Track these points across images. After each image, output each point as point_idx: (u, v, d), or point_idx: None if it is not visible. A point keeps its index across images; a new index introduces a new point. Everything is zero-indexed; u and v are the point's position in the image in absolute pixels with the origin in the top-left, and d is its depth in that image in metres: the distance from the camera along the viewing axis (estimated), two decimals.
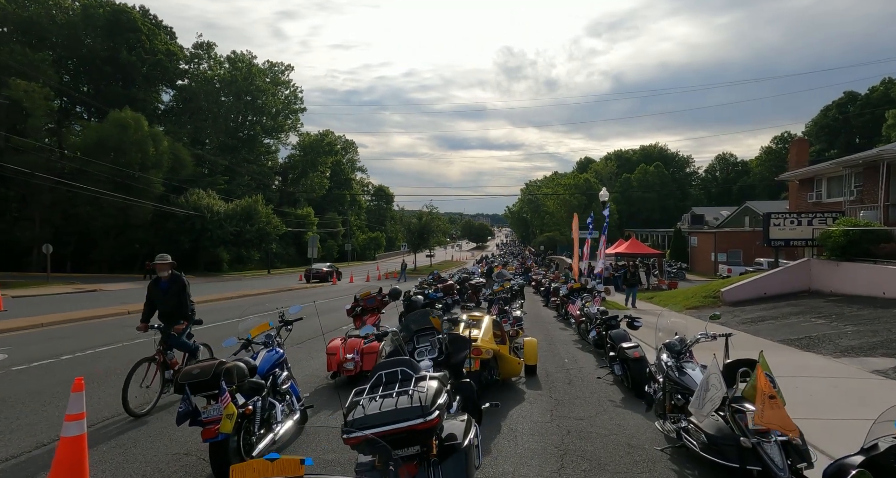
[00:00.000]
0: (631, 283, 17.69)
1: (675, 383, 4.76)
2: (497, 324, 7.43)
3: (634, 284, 17.82)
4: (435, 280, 16.70)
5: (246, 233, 43.61)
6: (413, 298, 10.84)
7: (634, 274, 18.17)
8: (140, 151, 37.00)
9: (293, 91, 68.83)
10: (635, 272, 18.44)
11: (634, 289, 17.76)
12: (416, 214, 53.88)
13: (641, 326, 7.85)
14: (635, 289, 17.81)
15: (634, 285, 17.77)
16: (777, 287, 16.04)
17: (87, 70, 47.29)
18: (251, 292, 21.91)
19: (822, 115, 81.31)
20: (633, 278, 17.89)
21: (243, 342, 4.64)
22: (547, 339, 11.55)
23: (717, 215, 50.57)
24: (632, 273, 18.07)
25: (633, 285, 17.69)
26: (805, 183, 20.08)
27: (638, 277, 18.38)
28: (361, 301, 7.99)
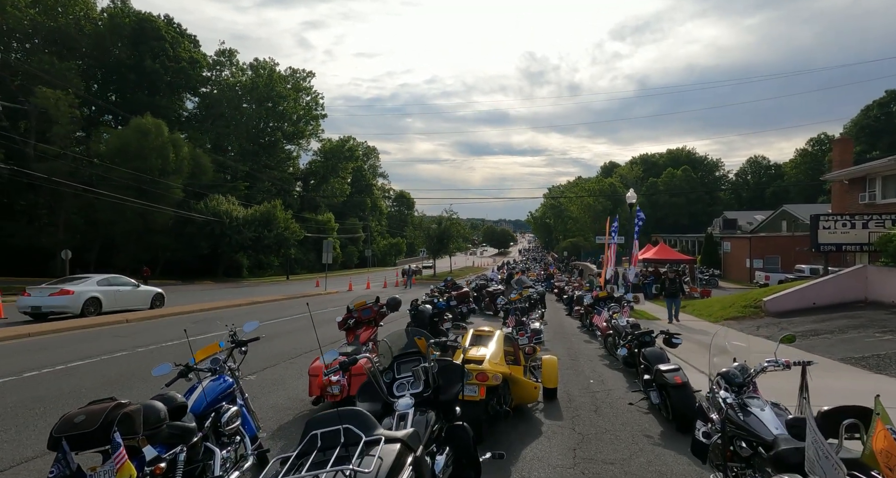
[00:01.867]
0: (671, 292, 15.16)
1: (738, 426, 3.63)
2: (510, 340, 6.38)
3: (676, 294, 15.17)
4: (448, 287, 15.67)
5: (265, 239, 43.40)
6: (421, 307, 9.86)
7: (675, 282, 15.31)
8: (160, 156, 37.12)
9: (314, 97, 69.07)
10: (675, 280, 15.38)
11: (677, 300, 15.18)
12: (435, 219, 52.88)
13: (680, 343, 6.67)
14: (677, 300, 15.25)
15: (676, 295, 15.17)
16: (828, 297, 14.49)
17: (114, 79, 48.13)
18: (262, 299, 21.27)
19: (863, 115, 77.47)
20: (674, 287, 15.20)
21: (181, 369, 3.66)
22: (569, 353, 10.39)
23: (750, 220, 48.20)
24: (670, 281, 15.34)
25: (673, 295, 15.14)
26: (856, 183, 18.37)
27: (679, 286, 15.27)
28: (355, 312, 7.04)
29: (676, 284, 15.22)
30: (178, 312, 16.38)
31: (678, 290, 15.23)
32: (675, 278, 15.46)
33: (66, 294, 14.62)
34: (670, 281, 15.30)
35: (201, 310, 16.91)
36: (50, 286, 15.03)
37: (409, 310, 10.10)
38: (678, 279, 15.53)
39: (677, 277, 15.59)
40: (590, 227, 70.85)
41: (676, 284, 15.22)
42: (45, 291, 14.66)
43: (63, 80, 37.59)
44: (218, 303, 19.06)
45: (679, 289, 15.28)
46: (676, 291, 15.19)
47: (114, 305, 15.78)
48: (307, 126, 69.02)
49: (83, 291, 15.06)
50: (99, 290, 15.57)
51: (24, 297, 14.74)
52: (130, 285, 16.92)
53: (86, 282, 15.80)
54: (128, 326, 13.44)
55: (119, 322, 13.84)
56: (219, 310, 17.34)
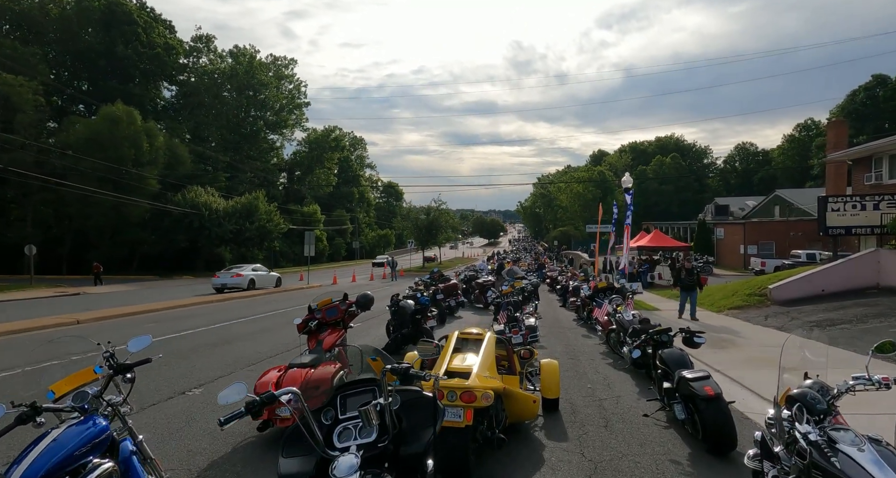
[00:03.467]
0: (688, 284, 12.74)
1: (826, 471, 2.58)
2: (503, 343, 5.30)
3: (693, 287, 12.74)
4: (435, 279, 14.57)
5: (246, 231, 41.89)
6: (402, 303, 8.76)
7: (692, 273, 12.83)
8: (133, 146, 35.36)
9: (297, 85, 67.12)
10: (693, 270, 12.97)
11: (694, 294, 12.82)
12: (423, 210, 51.62)
13: (704, 343, 5.64)
14: (694, 294, 12.86)
15: (693, 288, 12.76)
16: (838, 283, 13.66)
17: (84, 66, 45.96)
18: (236, 295, 20.02)
19: (850, 100, 77.31)
20: (691, 279, 12.71)
21: (24, 411, 2.43)
22: (568, 351, 9.38)
23: (742, 206, 47.69)
24: (687, 271, 12.82)
25: (690, 288, 12.77)
26: (861, 163, 17.54)
27: (697, 278, 12.82)
28: (318, 312, 5.93)
29: (694, 276, 12.81)
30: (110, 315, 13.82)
31: (696, 282, 12.75)
32: (693, 268, 13.17)
33: (240, 276, 23.50)
34: (687, 271, 12.91)
35: (157, 309, 15.49)
36: (228, 271, 24.22)
37: (389, 306, 9.01)
38: (696, 269, 13.28)
39: (695, 268, 13.26)
40: (580, 215, 70.20)
41: (694, 275, 12.84)
42: (229, 275, 23.65)
43: (27, 66, 35.58)
44: (185, 300, 17.79)
45: (697, 281, 12.79)
46: (694, 284, 12.73)
47: (260, 284, 24.43)
48: (290, 115, 67.16)
49: (247, 275, 23.89)
50: (252, 274, 24.35)
51: (214, 278, 23.62)
52: (265, 271, 25.99)
53: (246, 269, 24.92)
54: (73, 330, 12.15)
55: (67, 324, 12.54)
56: (184, 308, 16.09)
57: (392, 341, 8.60)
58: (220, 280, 23.19)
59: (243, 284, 23.21)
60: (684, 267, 13.20)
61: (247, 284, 23.24)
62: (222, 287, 22.81)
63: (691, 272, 12.96)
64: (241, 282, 23.20)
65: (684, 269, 13.13)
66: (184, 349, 8.76)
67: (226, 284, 22.92)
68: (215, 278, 23.57)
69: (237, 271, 24.09)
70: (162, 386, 6.34)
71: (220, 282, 23.08)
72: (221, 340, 9.76)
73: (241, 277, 23.43)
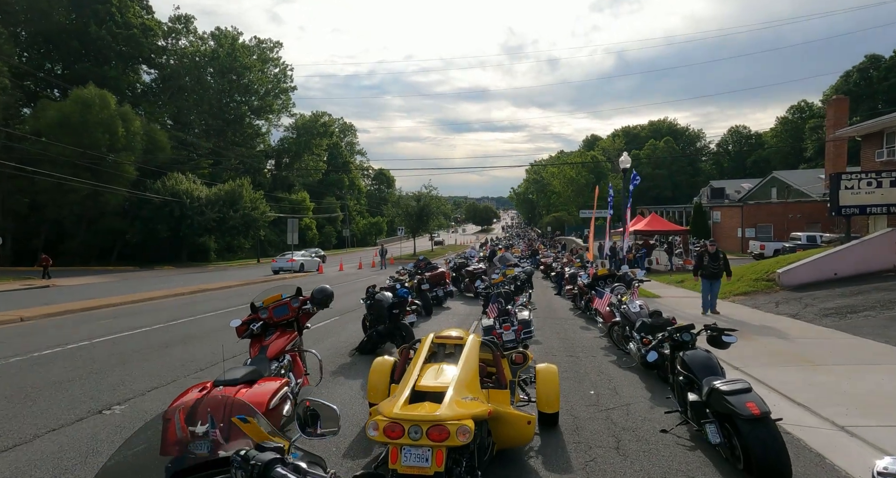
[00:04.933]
0: (712, 272, 10.63)
1: None
2: (490, 347, 4.26)
3: (718, 275, 10.68)
4: (421, 268, 13.51)
5: (230, 219, 40.48)
6: (378, 296, 7.70)
7: (717, 258, 10.66)
8: (107, 131, 33.69)
9: (283, 69, 65.01)
10: (719, 255, 10.76)
11: (717, 284, 10.81)
12: (413, 196, 50.28)
13: (735, 342, 4.64)
14: (718, 284, 10.85)
15: (718, 277, 10.71)
16: (851, 266, 12.79)
17: (56, 47, 43.84)
18: (211, 287, 18.84)
19: (843, 81, 76.53)
20: (716, 266, 10.60)
21: None
22: (565, 346, 8.40)
23: (738, 188, 46.86)
24: (711, 256, 10.68)
25: (714, 277, 10.67)
26: (871, 139, 16.59)
27: (724, 263, 10.73)
28: (264, 311, 4.85)
29: (720, 262, 10.66)
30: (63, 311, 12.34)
31: (722, 269, 10.66)
32: (718, 252, 10.86)
33: (294, 261, 28.08)
34: (710, 256, 10.73)
35: (121, 303, 14.35)
36: (284, 256, 29.74)
37: (364, 299, 7.96)
38: (720, 255, 10.80)
39: (721, 254, 10.87)
40: (573, 201, 69.33)
41: (720, 260, 10.68)
42: (284, 259, 28.67)
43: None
44: (153, 293, 16.60)
45: (725, 268, 10.71)
46: (719, 272, 10.65)
47: (308, 267, 28.63)
48: (276, 100, 65.17)
49: (299, 259, 28.64)
50: (302, 259, 29.02)
51: (273, 263, 28.85)
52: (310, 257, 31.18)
53: (297, 254, 29.67)
54: (17, 328, 10.99)
55: (10, 322, 11.38)
56: (151, 302, 14.94)
57: (367, 340, 7.57)
58: (277, 265, 28.03)
59: (296, 267, 27.75)
60: (707, 251, 10.90)
61: (298, 268, 27.66)
62: (279, 270, 27.30)
63: (716, 257, 10.72)
64: (294, 266, 27.77)
65: (707, 253, 10.85)
66: (127, 351, 7.68)
67: (282, 267, 27.52)
68: (273, 263, 28.80)
69: (291, 256, 29.22)
70: (79, 401, 5.26)
71: (278, 266, 27.83)
72: (177, 339, 8.68)
73: (294, 261, 28.21)
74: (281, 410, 3.84)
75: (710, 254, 10.88)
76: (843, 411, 4.94)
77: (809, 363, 6.86)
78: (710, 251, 10.93)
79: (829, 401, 5.26)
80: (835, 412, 4.88)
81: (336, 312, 11.95)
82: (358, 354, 7.59)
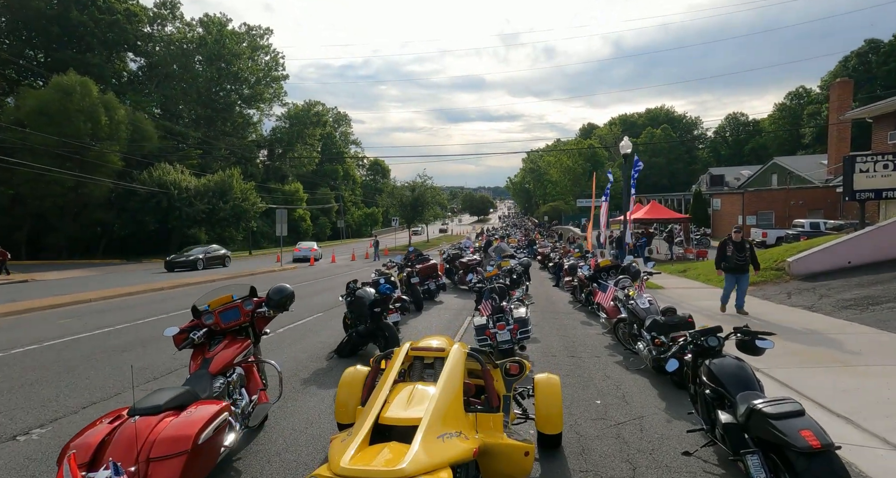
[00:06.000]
0: (738, 264, 9.07)
1: None
2: (477, 358, 3.48)
3: (745, 269, 9.12)
4: (411, 260, 12.75)
5: (219, 211, 39.50)
6: (359, 292, 6.92)
7: (744, 248, 9.11)
8: (90, 120, 32.52)
9: (274, 57, 63.54)
10: (746, 244, 9.21)
11: (745, 278, 9.22)
12: (408, 186, 49.27)
13: (771, 347, 3.90)
14: (746, 278, 9.26)
15: (745, 271, 9.16)
16: (865, 254, 12.11)
17: (37, 34, 42.41)
18: (193, 281, 18.00)
19: (842, 67, 75.70)
20: (742, 258, 9.03)
21: None
22: (565, 344, 7.68)
23: (737, 175, 46.17)
24: (736, 245, 9.09)
25: (741, 270, 9.11)
26: (883, 120, 15.82)
27: (752, 254, 9.20)
28: (209, 317, 4.06)
29: (746, 252, 9.08)
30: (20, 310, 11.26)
31: (749, 261, 9.13)
32: (745, 241, 9.28)
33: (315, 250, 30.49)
34: (735, 246, 9.10)
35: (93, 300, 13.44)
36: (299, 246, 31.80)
37: (344, 296, 7.18)
38: (746, 244, 9.25)
39: (747, 243, 9.32)
40: (570, 190, 68.59)
41: (747, 251, 9.11)
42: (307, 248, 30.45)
43: None
44: (130, 288, 15.79)
45: (752, 260, 9.15)
46: (746, 264, 9.10)
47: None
48: (267, 89, 63.76)
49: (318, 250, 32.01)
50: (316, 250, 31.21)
51: (296, 252, 30.64)
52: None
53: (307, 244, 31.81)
54: None
55: None
56: (127, 297, 14.13)
57: (346, 342, 6.82)
58: (301, 253, 29.91)
59: (318, 255, 30.72)
60: (731, 240, 9.27)
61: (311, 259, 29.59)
62: (303, 258, 29.06)
63: (742, 247, 9.14)
64: (317, 254, 30.47)
65: (731, 243, 9.23)
66: (76, 357, 6.88)
67: (306, 255, 29.26)
68: (296, 252, 30.45)
69: (313, 246, 31.87)
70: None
71: (302, 255, 29.69)
72: (137, 342, 7.89)
73: (315, 250, 30.67)
74: (218, 442, 3.08)
75: (735, 243, 9.24)
76: (894, 424, 4.22)
77: (839, 364, 6.16)
78: (735, 240, 9.26)
79: (873, 411, 4.55)
80: (886, 427, 4.17)
81: (319, 308, 11.20)
82: (336, 357, 6.84)
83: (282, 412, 4.69)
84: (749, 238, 30.01)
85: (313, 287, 16.24)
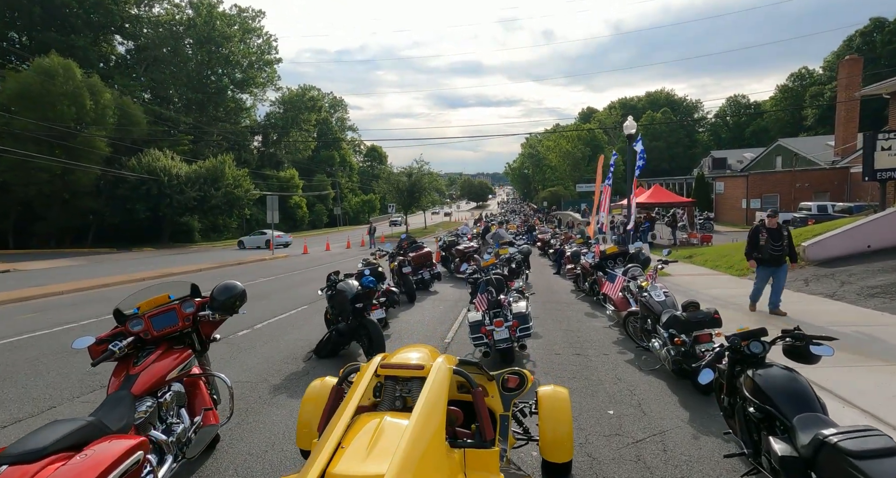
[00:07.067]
0: (774, 255, 7.44)
1: None
2: (467, 378, 2.72)
3: (781, 261, 7.52)
4: (403, 248, 12.00)
5: (211, 198, 38.60)
6: (340, 285, 6.18)
7: (779, 236, 7.45)
8: (74, 104, 31.42)
9: (267, 40, 61.90)
10: (781, 234, 7.48)
11: (781, 271, 7.61)
12: (405, 172, 48.22)
13: (830, 354, 3.18)
14: (782, 272, 7.63)
15: (781, 263, 7.55)
16: (886, 238, 11.45)
17: (18, 15, 40.98)
18: (178, 270, 17.24)
19: (846, 46, 74.21)
20: (779, 248, 7.42)
21: None
22: (569, 339, 6.98)
23: (740, 158, 45.24)
24: (772, 233, 7.46)
25: (776, 262, 7.51)
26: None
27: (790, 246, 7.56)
28: (138, 322, 3.32)
29: (783, 241, 7.44)
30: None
31: (786, 253, 7.53)
32: (781, 227, 7.57)
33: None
34: (770, 234, 7.45)
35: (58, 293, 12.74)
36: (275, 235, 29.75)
37: (324, 290, 6.45)
38: (787, 230, 7.63)
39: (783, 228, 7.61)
40: (569, 175, 67.66)
41: (784, 239, 7.45)
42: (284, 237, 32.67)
43: None
44: (111, 278, 15.05)
45: (790, 250, 7.56)
46: (783, 254, 7.50)
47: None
48: (260, 73, 62.25)
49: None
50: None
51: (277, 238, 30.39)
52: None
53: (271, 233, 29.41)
54: None
55: None
56: (94, 290, 13.39)
57: (325, 341, 6.10)
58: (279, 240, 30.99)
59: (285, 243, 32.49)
60: (764, 226, 7.60)
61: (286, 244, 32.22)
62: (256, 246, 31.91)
63: (778, 235, 7.44)
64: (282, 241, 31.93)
65: (764, 229, 7.54)
66: (19, 361, 6.10)
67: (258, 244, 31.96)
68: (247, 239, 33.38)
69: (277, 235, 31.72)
70: None
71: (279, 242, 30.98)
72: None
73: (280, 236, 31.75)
74: None
75: (770, 231, 7.49)
76: None
77: (881, 361, 5.46)
78: (770, 227, 7.53)
79: None
80: None
81: (305, 300, 10.49)
82: (315, 357, 6.14)
83: (240, 430, 3.99)
84: (754, 221, 29.34)
85: (302, 276, 15.53)
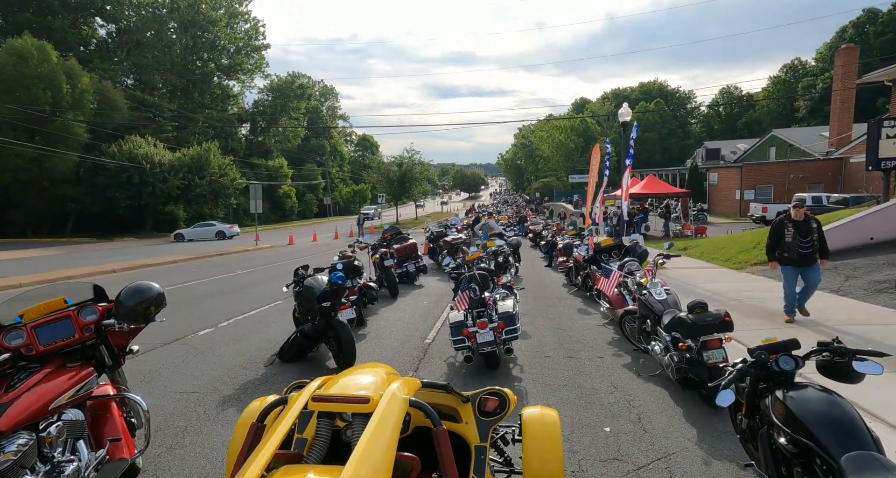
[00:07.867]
0: (800, 254, 6.45)
1: None
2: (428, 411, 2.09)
3: (811, 260, 6.55)
4: (387, 239, 11.37)
5: (196, 187, 37.59)
6: (308, 281, 5.54)
7: (807, 231, 6.40)
8: (49, 88, 30.23)
9: (254, 25, 60.40)
10: (810, 228, 6.41)
11: (812, 271, 6.65)
12: (395, 161, 47.38)
13: (879, 373, 2.62)
14: (813, 271, 6.66)
15: (812, 262, 6.57)
16: (890, 229, 10.99)
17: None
18: (155, 261, 16.50)
19: (838, 38, 74.00)
20: (808, 243, 6.41)
21: None
22: (561, 340, 6.42)
23: (733, 149, 44.87)
24: (798, 225, 6.41)
25: (806, 262, 6.55)
26: None
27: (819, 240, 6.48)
28: (20, 334, 2.64)
29: (813, 236, 6.41)
30: None
31: (817, 248, 6.51)
32: (810, 221, 6.49)
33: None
34: (797, 227, 6.41)
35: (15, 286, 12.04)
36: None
37: (291, 286, 5.82)
38: (817, 224, 6.55)
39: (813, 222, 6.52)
40: (562, 166, 67.18)
41: (813, 233, 6.41)
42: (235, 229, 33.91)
43: None
44: (77, 270, 14.31)
45: (822, 245, 6.52)
46: (814, 252, 6.49)
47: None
48: (248, 59, 60.77)
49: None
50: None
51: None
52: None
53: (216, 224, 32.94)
54: None
55: None
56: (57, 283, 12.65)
57: (290, 344, 5.49)
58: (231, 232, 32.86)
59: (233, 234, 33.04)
60: (789, 218, 6.51)
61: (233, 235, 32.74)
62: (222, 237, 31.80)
63: (807, 229, 6.38)
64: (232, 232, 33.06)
65: (790, 222, 6.46)
66: None
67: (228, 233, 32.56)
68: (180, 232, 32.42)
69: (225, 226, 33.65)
70: None
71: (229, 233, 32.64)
72: None
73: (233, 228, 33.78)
74: None
75: (798, 223, 6.41)
76: None
77: None
78: (797, 219, 6.43)
79: None
80: None
81: (280, 296, 9.84)
82: (279, 362, 5.53)
83: (170, 457, 3.38)
84: (749, 213, 28.96)
85: (282, 268, 14.86)
